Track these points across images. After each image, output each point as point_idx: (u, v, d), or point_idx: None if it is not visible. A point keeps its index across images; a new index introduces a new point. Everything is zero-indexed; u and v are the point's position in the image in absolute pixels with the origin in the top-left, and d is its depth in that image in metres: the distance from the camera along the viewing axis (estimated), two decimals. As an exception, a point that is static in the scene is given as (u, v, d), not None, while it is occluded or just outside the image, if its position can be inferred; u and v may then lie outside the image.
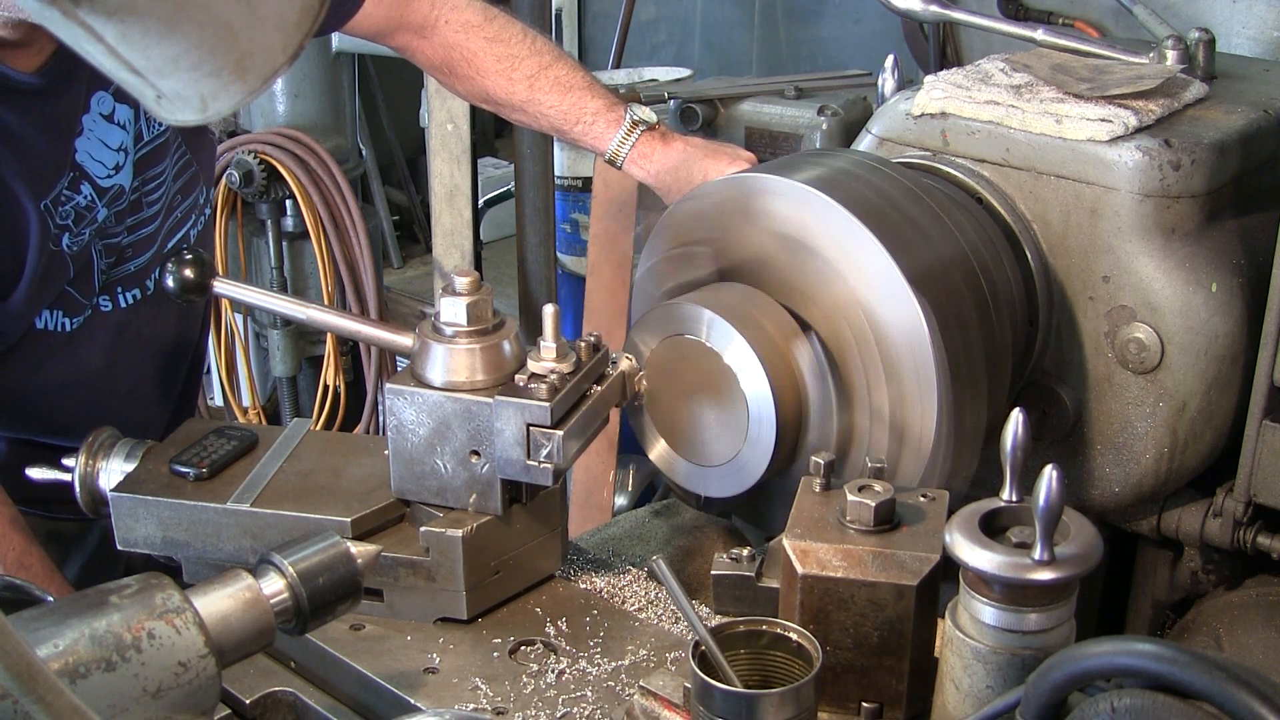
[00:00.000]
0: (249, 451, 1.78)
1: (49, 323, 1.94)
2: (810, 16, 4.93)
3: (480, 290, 1.63)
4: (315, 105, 4.47)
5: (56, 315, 1.94)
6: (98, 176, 1.90)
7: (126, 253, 2.01)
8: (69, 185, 1.86)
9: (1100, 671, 1.04)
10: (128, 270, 2.02)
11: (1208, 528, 1.96)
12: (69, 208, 1.86)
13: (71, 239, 1.88)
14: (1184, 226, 1.82)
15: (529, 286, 3.66)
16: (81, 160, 1.88)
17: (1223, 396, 1.86)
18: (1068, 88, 1.90)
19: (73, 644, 1.11)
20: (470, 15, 2.21)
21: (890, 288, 1.64)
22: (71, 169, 1.86)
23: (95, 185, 1.90)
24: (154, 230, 2.04)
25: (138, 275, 2.03)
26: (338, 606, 1.34)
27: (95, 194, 1.90)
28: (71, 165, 1.87)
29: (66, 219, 1.86)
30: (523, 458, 1.58)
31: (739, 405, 1.69)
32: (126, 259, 2.01)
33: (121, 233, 1.98)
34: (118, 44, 0.97)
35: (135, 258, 2.02)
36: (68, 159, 1.86)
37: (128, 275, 2.02)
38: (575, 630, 1.63)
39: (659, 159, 2.14)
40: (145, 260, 2.03)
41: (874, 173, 1.79)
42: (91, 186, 1.89)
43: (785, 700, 1.28)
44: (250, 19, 1.02)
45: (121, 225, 1.98)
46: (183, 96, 1.05)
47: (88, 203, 1.89)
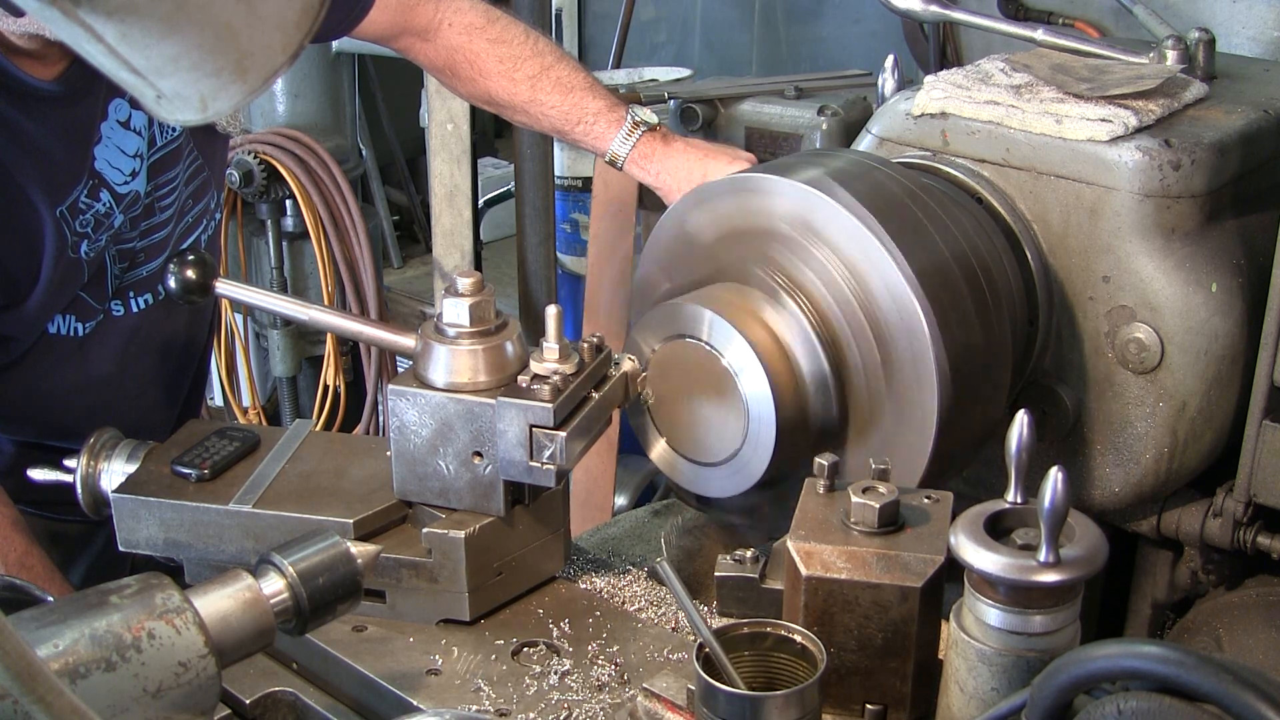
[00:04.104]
0: (251, 453, 1.78)
1: (61, 328, 1.94)
2: (810, 16, 4.93)
3: (483, 291, 1.63)
4: (315, 105, 4.47)
5: (69, 320, 1.94)
6: (115, 183, 1.90)
7: (139, 257, 2.01)
8: (88, 193, 1.86)
9: (1106, 674, 1.04)
10: (140, 275, 2.02)
11: (1208, 528, 1.96)
12: (89, 215, 1.87)
13: (89, 246, 1.88)
14: (1184, 226, 1.82)
15: (529, 286, 3.66)
16: (100, 168, 1.88)
17: (1223, 396, 1.86)
18: (1068, 88, 1.89)
19: (73, 644, 1.11)
20: (473, 18, 2.21)
21: (891, 287, 1.64)
22: (91, 176, 1.87)
23: (113, 192, 1.90)
24: (166, 235, 2.04)
25: (149, 280, 2.03)
26: (338, 607, 1.34)
27: (113, 201, 1.91)
28: (90, 173, 1.87)
29: (86, 226, 1.87)
30: (525, 459, 1.57)
31: (739, 405, 1.69)
32: (139, 264, 2.01)
33: (135, 238, 1.98)
34: (118, 44, 0.97)
35: (147, 262, 2.02)
36: (85, 166, 1.86)
37: (140, 280, 2.02)
38: (578, 631, 1.63)
39: (660, 160, 2.14)
40: (157, 265, 2.03)
41: (874, 172, 1.79)
42: (110, 194, 1.90)
43: (790, 702, 1.27)
44: (250, 19, 1.02)
45: (135, 230, 1.98)
46: (183, 96, 1.05)
47: (106, 209, 1.89)
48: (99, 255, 1.92)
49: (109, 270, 1.96)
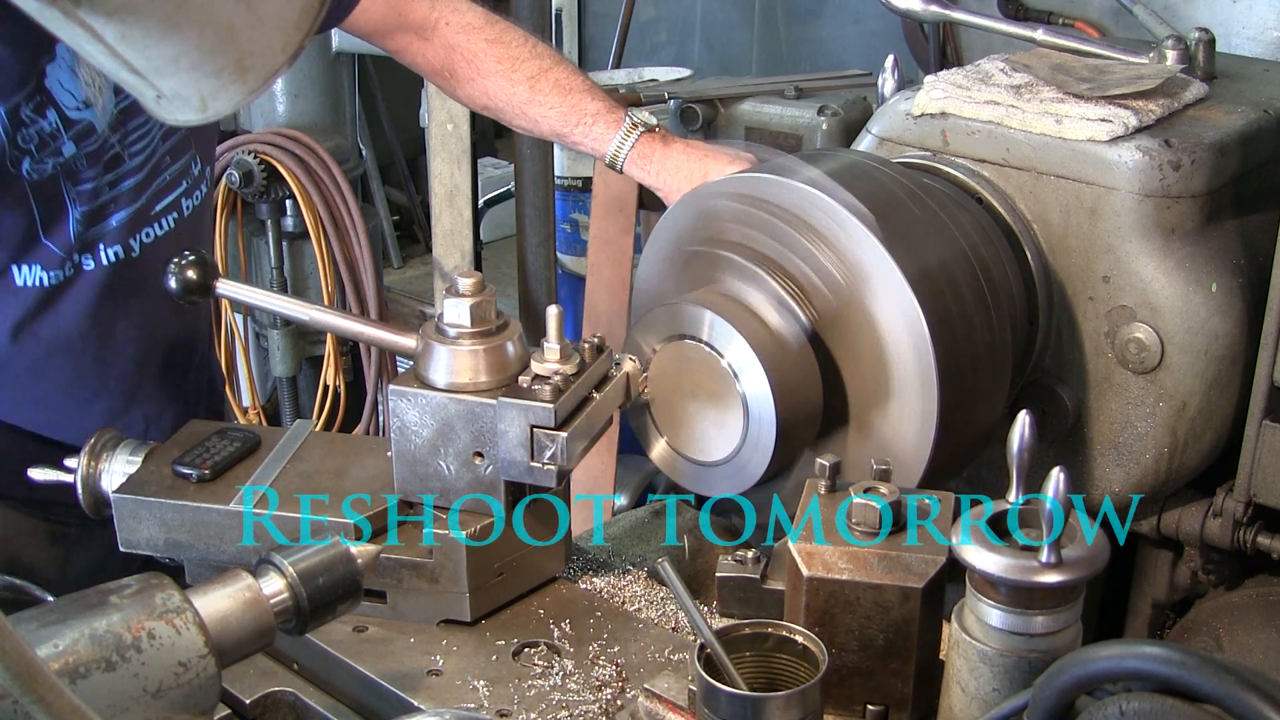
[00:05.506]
0: (252, 453, 1.78)
1: (28, 279, 1.93)
2: (810, 16, 4.93)
3: (484, 291, 1.63)
4: (315, 105, 4.46)
5: (34, 270, 1.93)
6: (65, 106, 1.88)
7: (108, 208, 1.99)
8: (34, 108, 1.84)
9: (1108, 675, 1.04)
10: (110, 226, 2.00)
11: (1208, 528, 1.96)
12: (32, 130, 1.84)
13: (33, 166, 1.85)
14: (1184, 226, 1.82)
15: (529, 286, 3.66)
16: (50, 86, 1.85)
17: (1223, 396, 1.86)
18: (1068, 88, 1.89)
19: (73, 644, 1.11)
20: (471, 18, 2.21)
21: (890, 287, 1.64)
22: (39, 92, 1.84)
23: (62, 115, 1.88)
24: (137, 185, 2.01)
25: (120, 233, 2.01)
26: (338, 607, 1.34)
27: (61, 123, 1.87)
28: (39, 88, 1.85)
29: (29, 143, 1.84)
30: (526, 459, 1.57)
31: (739, 405, 1.69)
32: (108, 213, 1.99)
33: (103, 187, 1.96)
34: (118, 44, 0.97)
35: (117, 212, 2.00)
36: (33, 77, 1.84)
37: (110, 232, 2.00)
38: (579, 632, 1.63)
39: (659, 160, 2.13)
40: (127, 216, 2.01)
41: (874, 173, 1.79)
42: (58, 115, 1.87)
43: (791, 703, 1.27)
44: (250, 19, 1.02)
45: (101, 178, 1.95)
46: (183, 96, 1.05)
47: (52, 130, 1.86)
48: (50, 186, 1.89)
49: (70, 214, 1.94)
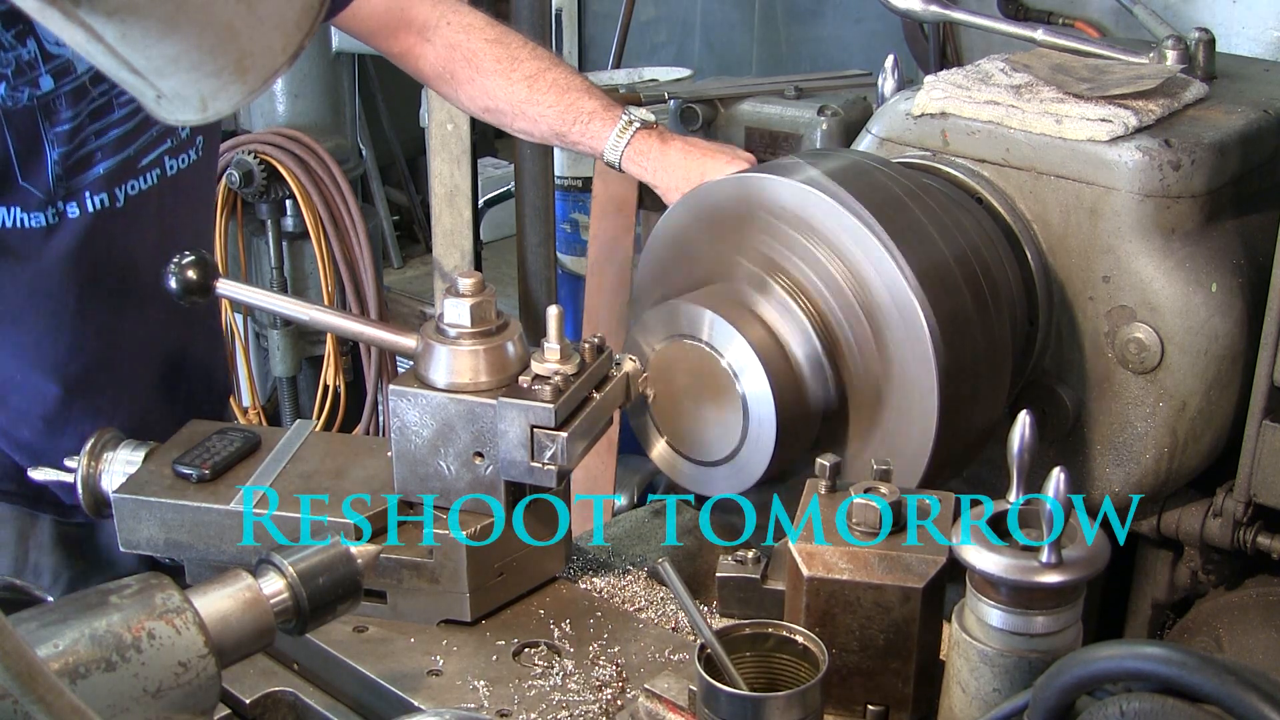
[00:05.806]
0: (252, 453, 1.78)
1: (7, 220, 1.92)
2: (810, 16, 4.93)
3: (484, 291, 1.63)
4: (315, 105, 4.46)
5: (14, 212, 1.93)
6: (45, 39, 1.87)
7: (94, 156, 1.98)
8: (15, 35, 1.84)
9: (1108, 675, 1.04)
10: (96, 174, 2.00)
11: (1208, 528, 1.96)
12: (10, 55, 1.84)
13: (9, 91, 1.85)
14: (1184, 226, 1.82)
15: (529, 286, 3.66)
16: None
17: (1223, 396, 1.86)
18: (1068, 88, 1.89)
19: (73, 644, 1.11)
20: (472, 19, 2.23)
21: (891, 287, 1.64)
22: (20, 19, 1.84)
23: (42, 48, 1.87)
24: (123, 135, 2.01)
25: (105, 181, 2.01)
26: (338, 607, 1.34)
27: (40, 55, 1.87)
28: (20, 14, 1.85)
29: (5, 67, 1.84)
30: (526, 459, 1.57)
31: (739, 405, 1.69)
32: (94, 162, 1.99)
33: (87, 134, 1.96)
34: (118, 44, 0.97)
35: (104, 160, 2.00)
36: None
37: (96, 179, 2.00)
38: (579, 632, 1.63)
39: (657, 157, 2.13)
40: (114, 165, 2.01)
41: (874, 173, 1.79)
42: (38, 46, 1.87)
43: (791, 703, 1.27)
44: (250, 19, 1.01)
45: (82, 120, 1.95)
46: (183, 96, 1.04)
47: (30, 59, 1.86)
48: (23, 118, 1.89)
49: (47, 155, 1.93)
